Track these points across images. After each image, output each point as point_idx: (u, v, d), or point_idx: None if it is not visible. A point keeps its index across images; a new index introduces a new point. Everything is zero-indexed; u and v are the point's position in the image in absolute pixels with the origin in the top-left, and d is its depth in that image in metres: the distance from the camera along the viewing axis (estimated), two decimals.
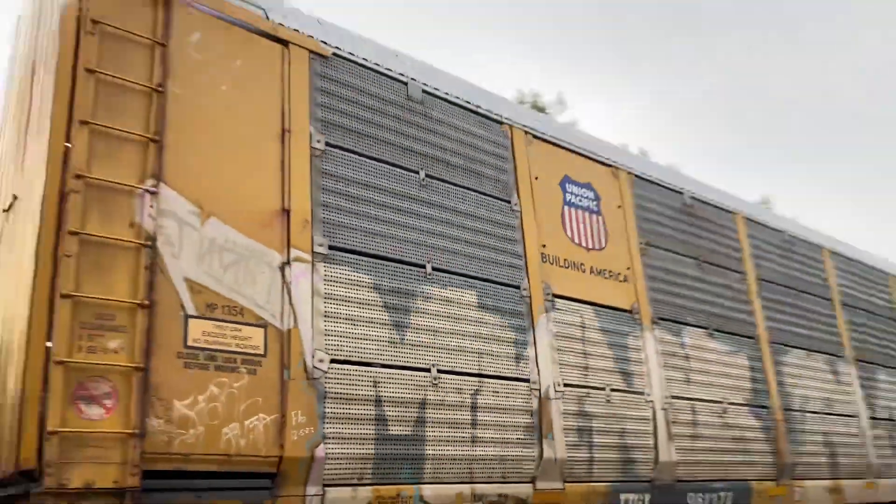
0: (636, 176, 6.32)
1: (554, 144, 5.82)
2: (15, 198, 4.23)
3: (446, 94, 5.25)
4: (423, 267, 4.67)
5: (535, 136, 5.70)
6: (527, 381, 4.93)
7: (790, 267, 7.55)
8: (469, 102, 5.36)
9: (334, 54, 4.77)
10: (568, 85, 44.88)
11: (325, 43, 4.74)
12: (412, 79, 5.10)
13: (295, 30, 4.61)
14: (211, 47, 4.20)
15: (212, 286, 3.79)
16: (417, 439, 4.32)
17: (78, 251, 3.45)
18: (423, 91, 5.12)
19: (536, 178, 5.59)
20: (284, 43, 4.54)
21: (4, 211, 4.45)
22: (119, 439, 3.35)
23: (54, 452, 3.17)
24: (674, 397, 5.69)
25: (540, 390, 4.91)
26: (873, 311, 8.50)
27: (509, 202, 5.33)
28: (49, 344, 3.28)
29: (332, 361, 4.13)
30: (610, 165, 6.19)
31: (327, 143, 4.50)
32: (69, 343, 3.31)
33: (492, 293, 4.96)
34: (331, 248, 4.34)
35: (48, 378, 3.25)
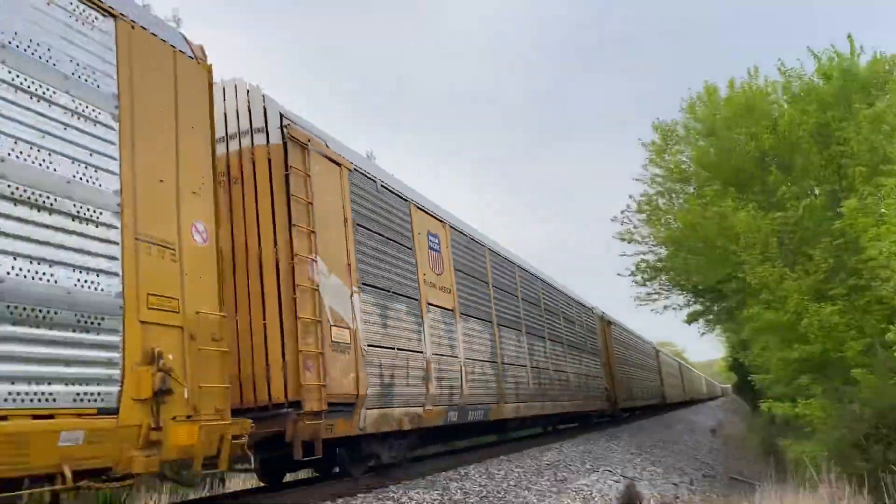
0: (452, 228, 12.12)
1: (424, 211, 11.21)
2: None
3: (389, 186, 10.09)
4: (389, 291, 9.52)
5: (417, 207, 11.24)
6: (421, 352, 10.41)
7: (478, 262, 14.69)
8: (394, 189, 10.24)
9: (354, 169, 9.32)
10: None
11: (351, 162, 9.23)
12: (377, 178, 9.82)
13: (339, 154, 8.94)
14: (319, 172, 8.30)
15: (335, 308, 8.07)
16: (392, 385, 9.13)
17: (297, 294, 7.52)
18: (382, 185, 9.93)
19: (419, 233, 11.14)
20: (338, 164, 8.90)
21: None
22: (318, 387, 7.69)
23: (304, 394, 7.37)
24: (467, 359, 11.57)
25: (426, 357, 10.31)
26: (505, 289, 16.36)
27: (410, 249, 10.58)
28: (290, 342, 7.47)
29: (367, 345, 9.02)
30: (442, 221, 11.90)
31: (356, 223, 9.00)
32: (299, 340, 7.37)
33: (409, 304, 9.97)
34: (363, 283, 9.10)
35: (298, 357, 7.35)
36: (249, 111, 7.86)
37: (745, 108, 18.06)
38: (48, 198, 4.59)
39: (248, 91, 7.91)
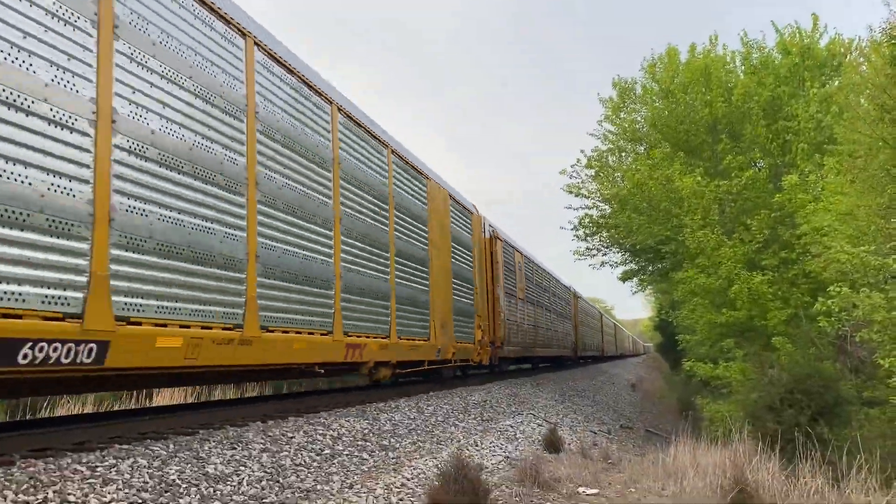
0: (527, 259, 13.22)
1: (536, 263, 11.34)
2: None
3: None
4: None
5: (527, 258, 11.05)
6: (516, 321, 10.54)
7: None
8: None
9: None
10: None
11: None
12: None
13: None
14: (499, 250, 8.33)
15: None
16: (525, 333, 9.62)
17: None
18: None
19: (519, 267, 11.05)
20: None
21: None
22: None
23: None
24: (529, 324, 12.13)
25: (523, 326, 10.56)
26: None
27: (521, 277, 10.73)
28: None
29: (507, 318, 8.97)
30: (521, 252, 12.02)
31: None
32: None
33: (510, 300, 10.35)
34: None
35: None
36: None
37: (703, 75, 18.25)
38: None
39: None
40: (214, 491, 5.47)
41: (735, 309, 14.77)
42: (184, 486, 5.38)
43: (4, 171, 4.48)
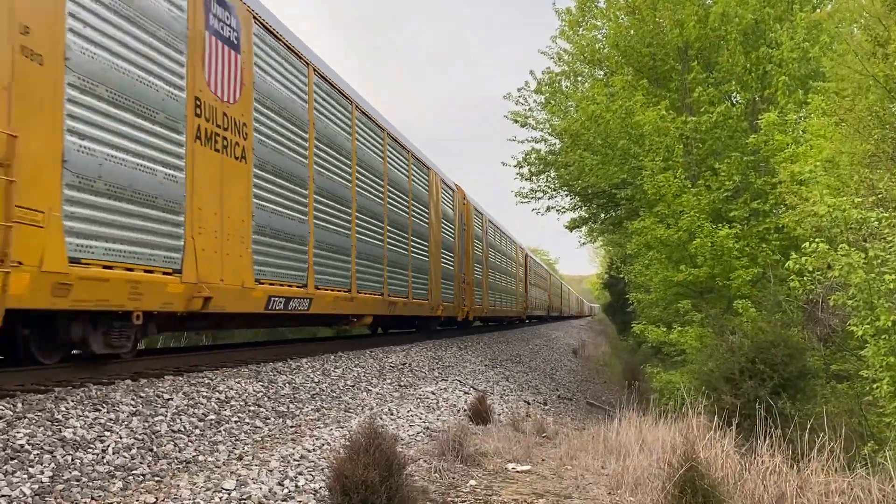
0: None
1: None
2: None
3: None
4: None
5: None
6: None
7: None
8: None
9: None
10: None
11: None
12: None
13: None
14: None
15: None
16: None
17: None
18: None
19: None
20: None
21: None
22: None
23: None
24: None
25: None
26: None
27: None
28: None
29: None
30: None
31: None
32: None
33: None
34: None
35: None
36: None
37: None
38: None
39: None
40: (73, 459, 5.38)
41: (696, 266, 15.27)
42: (35, 452, 5.27)
43: None
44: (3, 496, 4.65)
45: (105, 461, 5.56)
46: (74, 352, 7.84)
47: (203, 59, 8.91)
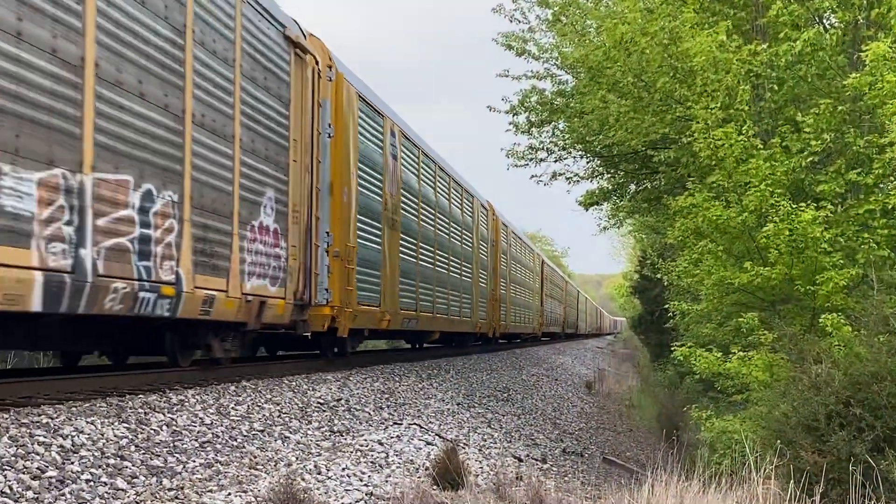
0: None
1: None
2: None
3: None
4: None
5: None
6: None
7: None
8: None
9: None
10: None
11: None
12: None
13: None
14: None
15: None
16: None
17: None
18: None
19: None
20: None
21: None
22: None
23: None
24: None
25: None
26: None
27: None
28: None
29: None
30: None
31: None
32: None
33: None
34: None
35: None
36: None
37: None
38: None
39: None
40: None
41: (767, 264, 15.31)
42: None
43: None
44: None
45: None
46: None
47: (387, 175, 21.34)
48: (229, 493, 7.94)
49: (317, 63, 17.15)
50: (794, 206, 14.99)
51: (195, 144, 12.22)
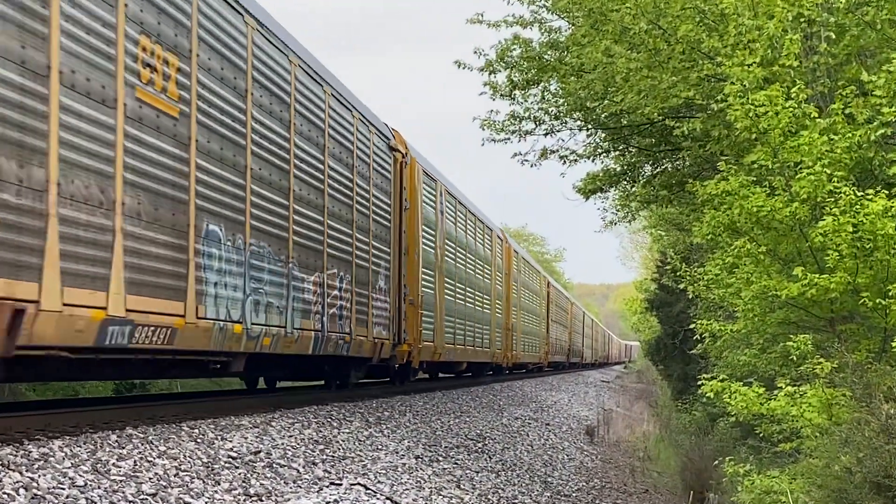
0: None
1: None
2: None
3: None
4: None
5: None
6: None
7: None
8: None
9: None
10: None
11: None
12: None
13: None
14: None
15: None
16: None
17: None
18: None
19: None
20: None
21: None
22: None
23: None
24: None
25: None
26: None
27: None
28: None
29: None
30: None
31: None
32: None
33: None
34: None
35: None
36: None
37: None
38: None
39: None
40: None
41: (824, 269, 15.33)
42: None
43: None
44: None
45: None
46: None
47: (438, 230, 35.33)
48: None
49: (403, 156, 29.77)
50: (859, 194, 14.97)
51: (357, 242, 25.13)
